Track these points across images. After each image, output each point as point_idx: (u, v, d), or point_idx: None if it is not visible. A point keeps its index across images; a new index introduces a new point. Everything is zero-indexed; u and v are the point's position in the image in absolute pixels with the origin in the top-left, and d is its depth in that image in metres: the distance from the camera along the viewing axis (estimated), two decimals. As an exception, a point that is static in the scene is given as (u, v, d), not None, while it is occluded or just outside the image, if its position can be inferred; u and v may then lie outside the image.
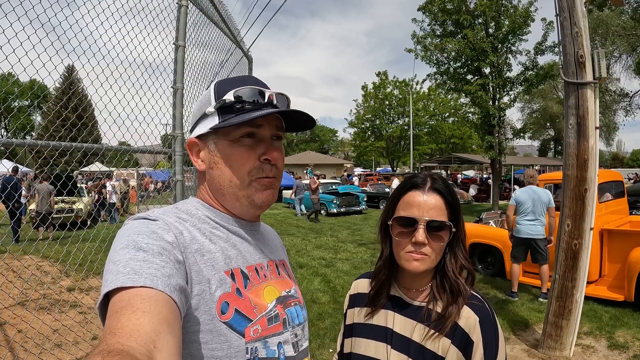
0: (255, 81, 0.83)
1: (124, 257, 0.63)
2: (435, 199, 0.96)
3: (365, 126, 38.89)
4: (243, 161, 0.79)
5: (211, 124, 0.80)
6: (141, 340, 0.51)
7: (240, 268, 0.80)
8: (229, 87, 0.80)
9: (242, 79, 0.84)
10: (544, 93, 34.18)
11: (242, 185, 0.80)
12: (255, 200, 0.81)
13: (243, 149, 0.79)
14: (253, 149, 0.80)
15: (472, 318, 0.92)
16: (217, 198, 0.84)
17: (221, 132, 0.80)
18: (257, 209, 0.84)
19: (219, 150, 0.81)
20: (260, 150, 0.80)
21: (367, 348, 1.02)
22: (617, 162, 51.00)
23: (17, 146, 1.99)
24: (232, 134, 0.79)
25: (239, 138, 0.79)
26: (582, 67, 3.55)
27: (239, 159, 0.79)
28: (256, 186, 0.81)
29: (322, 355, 3.70)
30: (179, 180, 2.53)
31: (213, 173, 0.82)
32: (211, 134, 0.81)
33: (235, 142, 0.79)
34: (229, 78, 0.85)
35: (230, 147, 0.80)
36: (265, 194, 0.82)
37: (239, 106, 0.78)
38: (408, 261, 0.95)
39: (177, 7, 2.58)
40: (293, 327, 0.85)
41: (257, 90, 0.79)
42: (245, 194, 0.81)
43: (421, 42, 16.28)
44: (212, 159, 0.82)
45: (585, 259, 3.64)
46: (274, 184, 0.83)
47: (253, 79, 0.85)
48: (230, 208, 0.84)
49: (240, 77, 0.85)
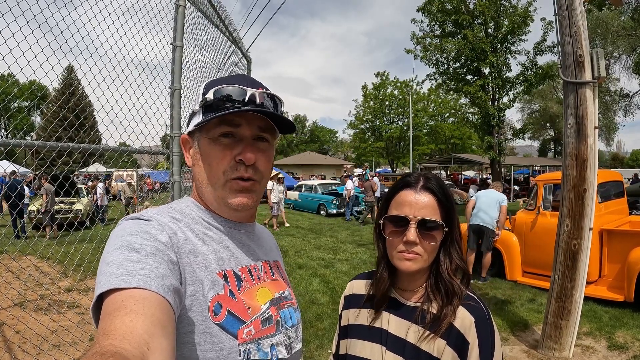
0: (245, 80, 0.82)
1: (117, 258, 0.63)
2: (427, 198, 0.95)
3: (365, 127, 38.92)
4: (218, 160, 0.78)
5: (196, 121, 0.80)
6: (135, 342, 0.51)
7: (233, 270, 0.79)
8: (215, 85, 0.79)
9: (232, 78, 0.83)
10: (543, 93, 34.22)
11: (217, 185, 0.79)
12: (229, 203, 0.79)
13: (219, 147, 0.78)
14: (229, 148, 0.78)
15: (468, 319, 0.92)
16: (200, 196, 0.84)
17: (204, 130, 0.80)
18: (234, 211, 0.82)
19: (199, 148, 0.81)
20: (237, 150, 0.78)
21: (362, 349, 1.02)
22: (617, 162, 50.99)
23: (14, 147, 1.99)
24: (212, 132, 0.79)
25: (217, 137, 0.78)
26: (581, 66, 3.54)
27: (214, 158, 0.79)
28: (231, 187, 0.79)
29: (320, 356, 3.69)
30: (176, 181, 2.52)
31: (195, 170, 0.83)
32: (196, 131, 0.82)
33: (214, 141, 0.79)
34: (221, 77, 0.85)
35: (208, 145, 0.79)
36: (239, 199, 0.79)
37: (218, 104, 0.77)
38: (400, 260, 0.95)
39: (174, 8, 2.57)
40: (286, 329, 0.84)
41: (238, 88, 0.78)
42: (220, 195, 0.80)
43: (420, 42, 16.30)
44: (194, 156, 0.83)
45: (584, 259, 3.63)
46: (251, 188, 0.80)
47: (244, 78, 0.84)
48: (211, 207, 0.83)
49: (231, 76, 0.84)
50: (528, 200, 6.39)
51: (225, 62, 3.96)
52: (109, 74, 2.35)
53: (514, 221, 6.25)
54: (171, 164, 2.55)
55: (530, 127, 35.53)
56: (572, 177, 3.62)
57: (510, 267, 6.03)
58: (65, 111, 14.92)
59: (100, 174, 14.74)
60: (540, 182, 6.01)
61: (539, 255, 5.63)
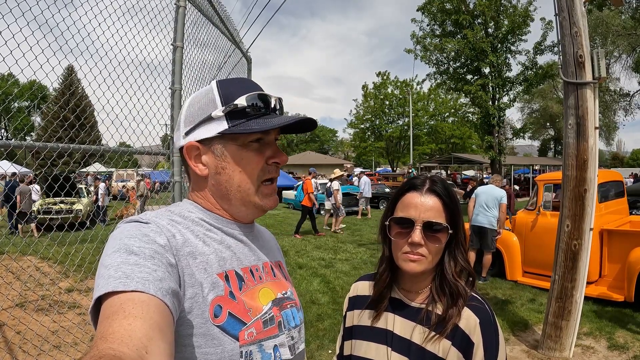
0: (254, 85, 0.83)
1: (115, 261, 0.63)
2: (432, 201, 0.96)
3: (365, 126, 38.91)
4: (253, 165, 0.80)
5: (219, 128, 0.78)
6: (133, 346, 0.51)
7: (235, 270, 0.79)
8: (237, 90, 0.79)
9: (244, 81, 0.83)
10: (543, 93, 34.22)
11: (251, 191, 0.82)
12: (262, 205, 0.84)
13: (253, 153, 0.80)
14: (261, 152, 0.81)
15: (473, 319, 0.93)
16: (221, 203, 0.83)
17: (228, 137, 0.79)
18: (262, 212, 0.87)
19: (228, 155, 0.80)
20: (269, 154, 0.82)
21: (368, 350, 1.02)
22: (617, 162, 50.98)
23: (15, 148, 1.99)
24: (241, 138, 0.79)
25: (248, 142, 0.80)
26: (582, 67, 3.54)
27: (249, 164, 0.80)
28: (263, 191, 0.83)
29: (321, 356, 3.69)
30: (177, 182, 2.52)
31: (220, 178, 0.81)
32: (217, 138, 0.79)
33: (244, 147, 0.80)
34: (230, 80, 0.84)
35: (239, 151, 0.80)
36: (272, 200, 0.85)
37: (250, 112, 0.78)
38: (405, 262, 0.96)
39: (175, 8, 2.57)
40: (289, 329, 0.84)
41: (265, 96, 0.81)
42: (253, 200, 0.82)
43: (420, 42, 16.29)
44: (218, 164, 0.80)
45: (584, 259, 3.63)
46: (276, 189, 0.87)
47: (252, 82, 0.85)
48: (233, 212, 0.84)
49: (241, 80, 0.84)
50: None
51: (226, 62, 3.96)
52: (109, 75, 2.36)
53: (514, 221, 6.25)
54: (172, 165, 2.55)
55: (531, 126, 35.56)
56: (573, 178, 3.62)
57: (510, 267, 6.03)
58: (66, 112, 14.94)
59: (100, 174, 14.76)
60: (540, 182, 6.01)
61: (539, 256, 5.63)
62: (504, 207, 5.97)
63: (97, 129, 14.18)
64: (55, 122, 14.97)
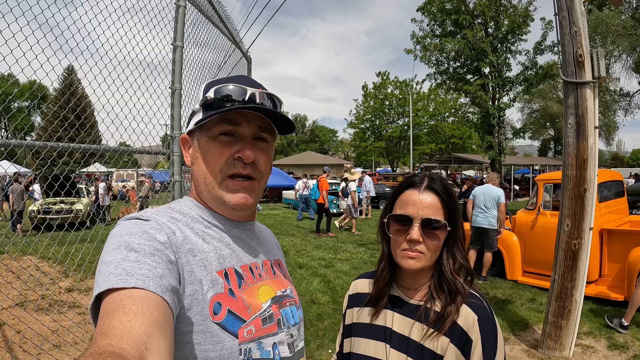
0: (245, 81, 0.83)
1: (115, 258, 0.63)
2: (431, 198, 0.97)
3: (365, 126, 38.92)
4: (216, 157, 0.79)
5: (196, 120, 0.81)
6: (132, 342, 0.51)
7: (234, 267, 0.79)
8: (215, 85, 0.80)
9: (232, 78, 0.83)
10: (543, 93, 34.18)
11: (215, 183, 0.80)
12: (226, 201, 0.80)
13: (218, 145, 0.79)
14: (229, 146, 0.79)
15: (471, 317, 0.93)
16: (199, 194, 0.84)
17: (204, 129, 0.80)
18: (232, 210, 0.82)
19: (199, 146, 0.82)
20: (236, 148, 0.79)
21: (367, 348, 1.03)
22: (617, 161, 50.97)
23: (15, 147, 1.99)
24: (212, 130, 0.79)
25: (217, 135, 0.79)
26: (581, 66, 3.54)
27: (213, 155, 0.79)
28: (228, 185, 0.79)
29: (321, 356, 3.69)
30: (177, 181, 2.52)
31: (193, 169, 0.83)
32: (196, 130, 0.82)
33: (213, 139, 0.79)
34: (221, 78, 0.86)
35: (207, 143, 0.80)
36: (237, 197, 0.79)
37: (218, 103, 0.78)
38: (403, 259, 0.96)
39: (175, 8, 2.57)
40: (288, 327, 0.84)
41: (239, 87, 0.79)
42: (218, 194, 0.80)
43: (420, 42, 16.29)
44: (194, 155, 0.83)
45: (584, 259, 3.63)
46: (249, 187, 0.81)
47: (245, 78, 0.84)
48: (211, 206, 0.83)
49: (231, 77, 0.85)
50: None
51: (226, 62, 3.96)
52: (109, 74, 2.36)
53: (514, 221, 6.25)
54: (172, 164, 2.55)
55: (531, 126, 35.50)
56: (572, 177, 3.62)
57: (510, 267, 6.03)
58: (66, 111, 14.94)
59: (100, 174, 14.74)
60: (540, 182, 6.01)
61: (539, 255, 5.63)
62: (502, 206, 5.95)
63: (97, 128, 14.18)
64: (55, 122, 14.95)
